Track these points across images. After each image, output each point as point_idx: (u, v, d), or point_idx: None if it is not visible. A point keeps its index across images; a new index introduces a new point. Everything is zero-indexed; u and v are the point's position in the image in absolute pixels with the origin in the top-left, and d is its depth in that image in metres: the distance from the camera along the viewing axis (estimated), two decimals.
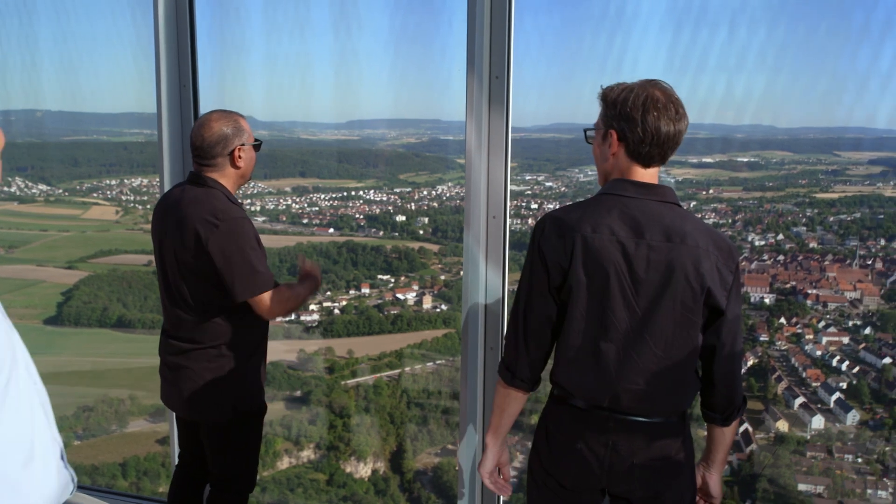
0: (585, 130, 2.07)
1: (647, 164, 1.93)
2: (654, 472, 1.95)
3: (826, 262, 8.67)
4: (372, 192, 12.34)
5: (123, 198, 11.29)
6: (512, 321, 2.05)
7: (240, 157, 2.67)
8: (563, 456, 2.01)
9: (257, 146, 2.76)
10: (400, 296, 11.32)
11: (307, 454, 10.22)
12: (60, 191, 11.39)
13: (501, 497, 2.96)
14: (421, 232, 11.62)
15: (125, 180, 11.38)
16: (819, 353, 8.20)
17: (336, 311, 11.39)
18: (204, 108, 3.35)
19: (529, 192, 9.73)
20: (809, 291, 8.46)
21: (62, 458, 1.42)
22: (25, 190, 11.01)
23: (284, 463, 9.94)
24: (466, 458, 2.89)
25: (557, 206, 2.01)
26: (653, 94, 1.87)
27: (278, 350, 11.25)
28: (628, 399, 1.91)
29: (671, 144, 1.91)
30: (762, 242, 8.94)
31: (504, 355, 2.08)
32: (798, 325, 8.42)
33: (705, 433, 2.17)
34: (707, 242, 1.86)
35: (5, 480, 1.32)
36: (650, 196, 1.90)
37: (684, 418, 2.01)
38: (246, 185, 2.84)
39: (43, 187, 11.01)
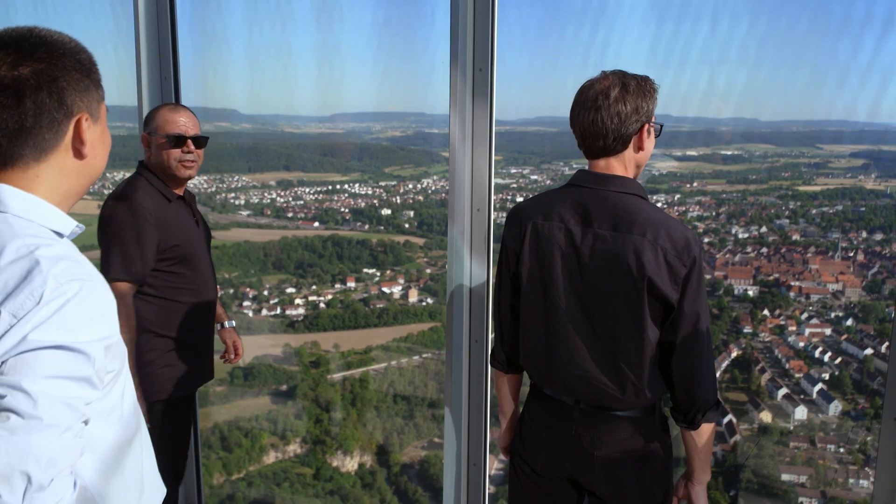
0: None
1: (591, 157, 1.96)
2: (617, 465, 1.93)
3: (808, 255, 8.74)
4: (357, 185, 12.31)
5: (105, 192, 11.21)
6: (492, 307, 2.20)
7: (147, 146, 2.69)
8: (533, 442, 2.05)
9: (171, 139, 2.62)
10: (385, 289, 11.31)
11: (293, 448, 10.19)
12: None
13: (487, 489, 2.97)
14: (406, 225, 11.60)
15: (107, 174, 11.27)
16: (802, 344, 8.28)
17: (321, 305, 11.36)
18: (185, 101, 3.32)
19: (514, 186, 9.74)
20: (792, 283, 8.53)
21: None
22: None
23: (270, 457, 9.92)
24: (452, 452, 2.89)
25: None
26: (586, 88, 1.92)
27: (263, 344, 11.20)
28: (581, 387, 1.92)
29: (592, 136, 1.90)
30: (745, 235, 9.01)
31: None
32: (781, 317, 8.49)
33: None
34: (657, 233, 1.81)
35: (148, 487, 1.45)
36: (608, 187, 1.90)
37: (653, 413, 1.97)
38: (230, 179, 2.82)
39: None
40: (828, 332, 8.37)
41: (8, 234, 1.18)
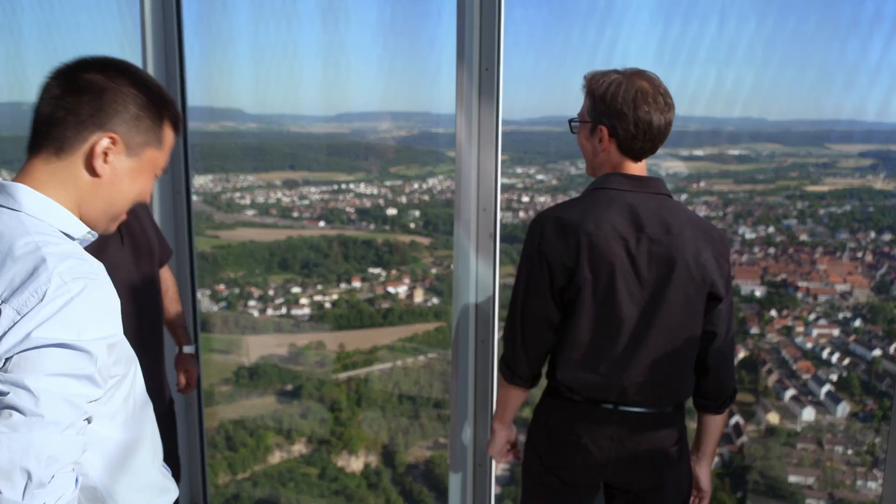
0: (570, 121, 2.03)
1: (638, 158, 1.92)
2: (658, 461, 1.96)
3: (816, 255, 8.70)
4: (362, 185, 12.31)
5: None
6: (510, 320, 2.02)
7: None
8: (567, 452, 1.99)
9: None
10: (391, 289, 11.30)
11: (299, 448, 10.21)
12: None
13: (493, 490, 2.96)
14: (412, 225, 11.60)
15: None
16: (809, 345, 8.24)
17: (327, 304, 11.37)
18: (191, 101, 3.32)
19: (520, 185, 9.72)
20: (800, 284, 8.50)
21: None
22: None
23: (276, 457, 9.93)
24: (458, 452, 2.88)
25: (550, 202, 1.99)
26: (641, 87, 1.84)
27: (269, 344, 11.22)
28: (634, 392, 1.91)
29: (662, 137, 1.89)
30: (753, 235, 8.97)
31: (503, 353, 2.07)
32: (788, 318, 8.45)
33: (695, 425, 2.17)
34: (704, 231, 1.88)
35: (157, 486, 1.45)
36: (644, 189, 1.89)
37: (682, 409, 2.02)
38: (235, 179, 2.77)
39: None
40: (836, 333, 8.33)
41: (19, 231, 1.21)
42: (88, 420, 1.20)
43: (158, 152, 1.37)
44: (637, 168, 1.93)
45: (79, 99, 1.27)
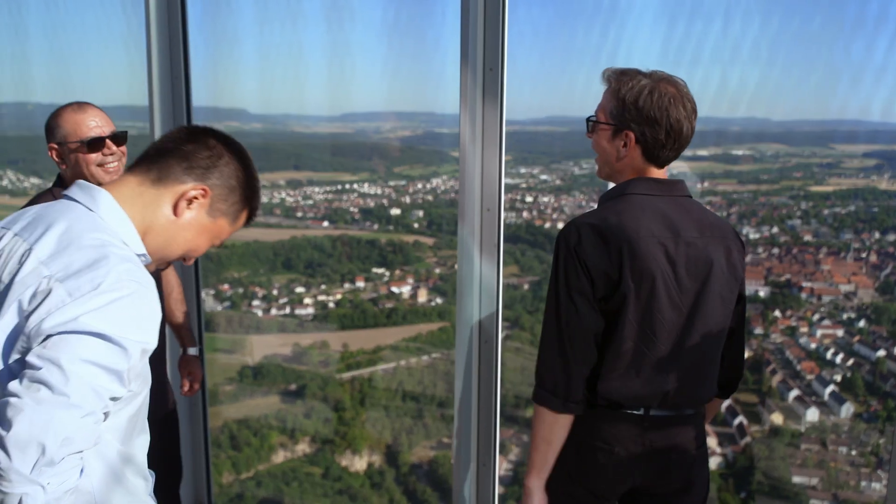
0: (589, 119, 1.96)
1: (662, 164, 1.90)
2: (687, 462, 1.95)
3: (820, 255, 8.69)
4: (366, 185, 12.32)
5: None
6: (549, 340, 1.89)
7: (60, 159, 2.32)
8: (597, 459, 1.94)
9: (86, 144, 2.28)
10: (395, 289, 11.31)
11: (302, 448, 10.22)
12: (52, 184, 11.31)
13: (497, 490, 2.96)
14: (416, 225, 11.61)
15: None
16: (813, 345, 8.23)
17: (331, 304, 11.38)
18: (196, 101, 3.32)
19: (524, 186, 9.72)
20: (804, 284, 8.48)
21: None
22: (17, 183, 10.94)
23: (279, 457, 9.94)
24: (462, 452, 2.89)
25: (553, 202, 1.97)
26: (671, 93, 1.81)
27: (272, 344, 11.24)
28: (674, 396, 1.89)
29: (687, 143, 1.89)
30: (757, 235, 8.96)
31: (545, 380, 1.90)
32: (792, 318, 8.44)
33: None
34: (728, 231, 1.91)
35: (139, 489, 1.47)
36: (671, 192, 1.89)
37: (703, 408, 2.04)
38: None
39: (35, 180, 10.94)
40: (840, 333, 8.32)
41: (90, 227, 1.29)
42: (106, 415, 1.24)
43: (229, 226, 1.51)
44: (660, 173, 1.91)
45: (199, 151, 1.41)
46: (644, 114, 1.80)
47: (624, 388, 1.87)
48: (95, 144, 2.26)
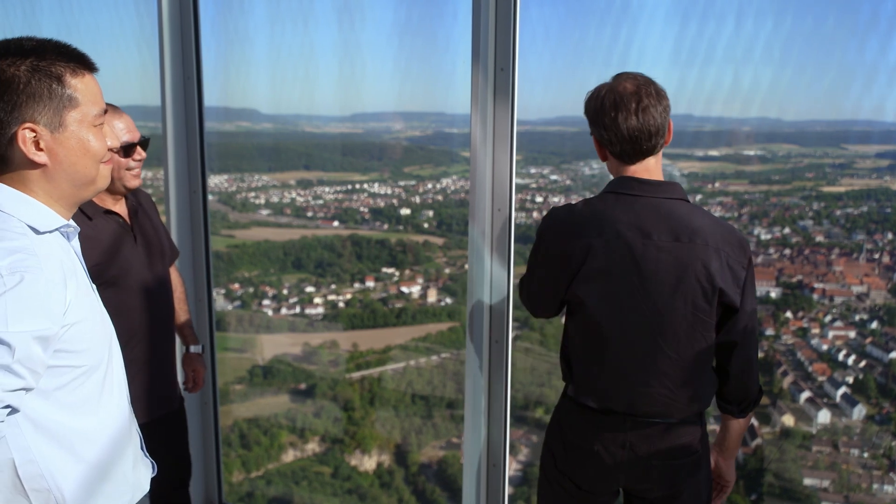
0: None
1: (630, 162, 1.89)
2: (672, 469, 1.93)
3: (832, 256, 8.63)
4: (376, 185, 12.33)
5: None
6: (522, 280, 2.11)
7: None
8: (580, 458, 1.98)
9: (119, 150, 2.21)
10: (405, 289, 11.32)
11: (312, 447, 10.24)
12: None
13: (506, 491, 2.96)
14: (426, 225, 11.61)
15: None
16: (825, 347, 8.18)
17: (341, 304, 11.40)
18: (208, 101, 3.34)
19: (534, 186, 9.71)
20: (816, 285, 8.43)
21: (142, 447, 1.58)
22: None
23: (289, 456, 9.97)
24: (471, 452, 2.89)
25: (563, 202, 1.98)
26: (617, 93, 1.84)
27: (282, 343, 11.27)
28: (644, 403, 1.88)
29: (643, 139, 1.84)
30: (768, 236, 8.91)
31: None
32: (804, 320, 8.39)
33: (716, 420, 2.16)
34: (717, 239, 1.82)
35: (121, 478, 1.48)
36: (657, 193, 1.86)
37: (701, 414, 1.99)
38: (250, 178, 2.74)
39: None
40: (852, 334, 8.26)
41: None
42: (9, 408, 1.24)
43: (77, 110, 1.34)
44: (647, 171, 1.89)
45: None
46: (591, 117, 1.91)
47: (588, 383, 1.94)
48: (129, 150, 2.24)
